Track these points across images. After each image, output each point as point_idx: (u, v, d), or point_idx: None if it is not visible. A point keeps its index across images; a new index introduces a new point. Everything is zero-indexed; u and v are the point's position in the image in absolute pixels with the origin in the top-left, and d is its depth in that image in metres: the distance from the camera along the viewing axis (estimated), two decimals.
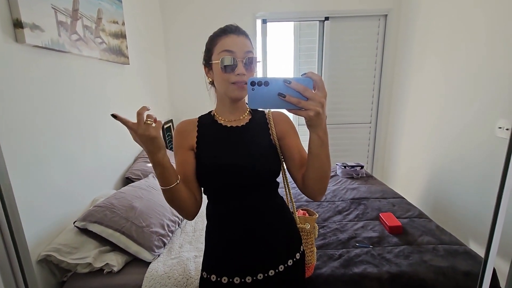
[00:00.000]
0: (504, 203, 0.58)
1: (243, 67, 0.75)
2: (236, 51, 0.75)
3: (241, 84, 0.76)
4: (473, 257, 1.30)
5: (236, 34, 0.77)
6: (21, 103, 1.11)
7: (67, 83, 1.38)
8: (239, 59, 0.75)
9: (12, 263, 0.38)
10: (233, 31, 0.77)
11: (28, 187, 1.14)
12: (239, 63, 0.75)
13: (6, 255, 0.38)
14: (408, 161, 2.76)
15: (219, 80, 0.78)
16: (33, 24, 1.12)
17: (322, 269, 1.24)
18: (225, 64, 0.75)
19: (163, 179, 0.71)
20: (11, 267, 0.38)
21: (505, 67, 1.65)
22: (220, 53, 0.76)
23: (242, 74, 0.75)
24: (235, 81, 0.75)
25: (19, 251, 0.39)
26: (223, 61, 0.75)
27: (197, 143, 0.84)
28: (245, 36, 0.79)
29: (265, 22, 2.89)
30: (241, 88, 0.76)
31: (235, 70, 0.75)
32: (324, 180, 0.74)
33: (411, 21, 2.64)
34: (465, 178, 1.98)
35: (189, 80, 2.92)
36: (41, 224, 1.21)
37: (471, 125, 1.92)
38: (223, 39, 0.76)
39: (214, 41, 0.79)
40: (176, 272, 1.21)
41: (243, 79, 0.75)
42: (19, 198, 0.50)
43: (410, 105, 2.70)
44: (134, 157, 2.11)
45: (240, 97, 0.79)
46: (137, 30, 2.23)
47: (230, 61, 0.74)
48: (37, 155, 1.18)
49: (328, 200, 1.96)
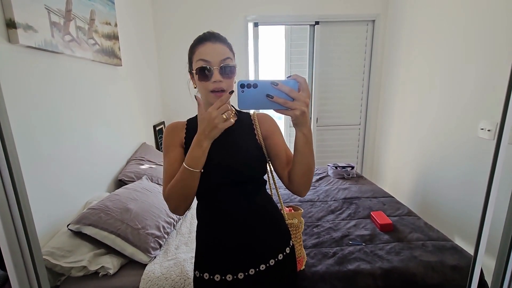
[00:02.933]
0: (491, 201, 0.62)
1: (219, 74, 0.76)
2: (210, 60, 0.76)
3: (219, 92, 0.77)
4: (459, 252, 1.36)
5: (212, 42, 0.78)
6: (14, 104, 1.09)
7: (60, 84, 1.36)
8: (214, 67, 0.76)
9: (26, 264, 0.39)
10: (208, 38, 0.78)
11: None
12: (214, 70, 0.76)
13: (21, 257, 0.39)
14: (396, 162, 2.85)
15: (199, 88, 0.81)
16: (26, 24, 1.11)
17: (317, 267, 1.27)
18: (201, 73, 0.77)
19: (196, 162, 0.74)
20: (25, 268, 0.39)
21: (486, 70, 1.75)
22: (197, 62, 0.78)
23: (218, 81, 0.76)
24: (213, 89, 0.77)
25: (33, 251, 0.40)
26: (198, 70, 0.77)
27: (185, 144, 0.86)
28: (221, 42, 0.79)
29: (256, 26, 2.93)
30: (219, 96, 0.76)
31: (211, 78, 0.77)
32: (309, 175, 0.78)
33: (397, 26, 2.74)
34: (450, 177, 2.07)
35: (181, 82, 2.90)
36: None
37: (455, 127, 2.01)
38: (199, 48, 0.78)
39: (192, 49, 0.81)
40: (173, 273, 1.21)
41: (220, 86, 0.77)
42: None
43: (397, 107, 2.79)
44: (126, 159, 2.08)
45: None
46: (130, 32, 2.22)
47: (206, 69, 0.76)
48: (29, 157, 1.16)
49: (321, 200, 2.00)
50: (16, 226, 0.40)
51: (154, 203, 1.52)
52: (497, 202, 0.61)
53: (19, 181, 0.43)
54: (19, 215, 0.41)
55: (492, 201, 0.60)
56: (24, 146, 1.13)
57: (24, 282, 0.39)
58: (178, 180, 0.77)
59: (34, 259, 0.40)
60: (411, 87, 2.55)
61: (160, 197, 1.61)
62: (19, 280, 0.38)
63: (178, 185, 0.77)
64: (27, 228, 0.42)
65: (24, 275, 0.39)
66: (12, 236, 0.39)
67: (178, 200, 0.80)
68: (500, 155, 0.57)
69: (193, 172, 0.74)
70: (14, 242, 0.39)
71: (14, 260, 0.38)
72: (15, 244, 0.39)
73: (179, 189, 0.78)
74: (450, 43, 2.04)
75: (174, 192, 0.78)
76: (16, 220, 0.40)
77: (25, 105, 1.15)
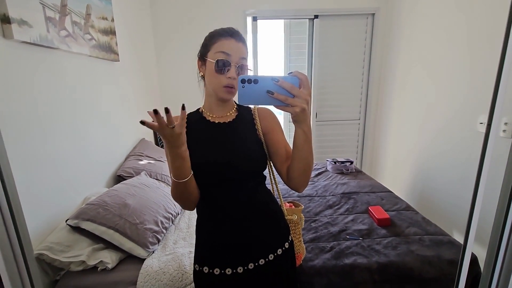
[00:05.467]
0: (480, 193, 0.62)
1: (235, 71, 0.78)
2: (232, 55, 0.77)
3: (230, 88, 0.78)
4: (456, 246, 1.37)
5: (236, 40, 0.79)
6: (9, 100, 1.09)
7: (56, 80, 1.36)
8: (233, 63, 0.77)
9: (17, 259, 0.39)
10: (234, 35, 0.80)
11: (18, 186, 1.12)
12: (232, 67, 0.77)
13: (11, 252, 0.39)
14: (395, 157, 2.85)
15: (211, 79, 0.80)
16: (21, 19, 1.10)
17: (314, 261, 1.28)
18: (219, 65, 0.77)
19: (181, 172, 0.73)
20: (16, 263, 0.39)
21: (486, 63, 1.73)
22: (216, 53, 0.78)
23: (233, 78, 0.77)
24: (226, 84, 0.78)
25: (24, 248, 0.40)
26: (218, 62, 0.77)
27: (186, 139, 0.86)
28: (243, 43, 0.81)
29: (255, 20, 2.90)
30: (230, 92, 0.79)
31: (227, 73, 0.77)
32: (308, 172, 0.78)
33: (397, 20, 2.71)
34: (449, 172, 2.06)
35: (180, 77, 2.91)
36: (32, 223, 1.20)
37: (454, 121, 2.00)
38: (223, 40, 0.79)
39: (213, 39, 0.81)
40: (171, 267, 1.22)
41: (233, 83, 0.78)
42: None
43: (397, 102, 2.77)
44: (125, 154, 2.09)
45: (228, 99, 0.82)
46: (127, 27, 2.21)
47: (225, 63, 0.77)
48: (26, 153, 1.16)
49: (319, 195, 2.01)
50: (6, 221, 0.40)
51: (152, 199, 1.52)
52: (489, 193, 0.61)
53: (8, 177, 0.43)
54: (8, 211, 0.41)
55: (481, 190, 0.60)
56: (20, 142, 1.13)
57: (15, 279, 0.39)
58: (174, 187, 0.78)
59: (25, 255, 0.40)
60: (411, 82, 2.53)
61: (159, 192, 1.61)
62: (9, 276, 0.38)
63: (176, 191, 0.78)
64: (18, 224, 0.42)
65: (15, 271, 0.39)
66: (2, 233, 0.39)
67: (182, 201, 0.82)
68: (490, 143, 0.57)
69: (184, 182, 0.74)
70: (4, 238, 0.39)
71: (4, 255, 0.38)
72: (5, 241, 0.39)
73: (179, 194, 0.79)
74: (450, 37, 2.01)
75: (176, 195, 0.80)
76: (6, 216, 0.40)
77: (21, 101, 1.15)
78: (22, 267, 0.39)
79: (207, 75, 0.82)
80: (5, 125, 1.06)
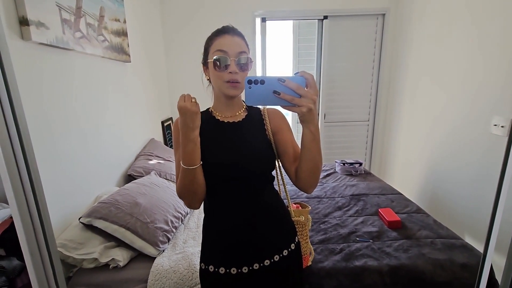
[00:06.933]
0: (502, 198, 0.61)
1: (235, 66, 0.78)
2: (228, 51, 0.78)
3: (234, 83, 0.79)
4: (469, 250, 1.34)
5: (231, 35, 0.80)
6: (26, 100, 1.11)
7: (70, 81, 1.39)
8: (231, 58, 0.78)
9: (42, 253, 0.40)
10: (227, 31, 0.80)
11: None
12: (231, 62, 0.78)
13: (37, 247, 0.40)
14: (405, 158, 2.81)
15: (214, 78, 0.81)
16: (38, 21, 1.13)
17: (324, 263, 1.27)
18: (218, 62, 0.78)
19: (192, 158, 0.75)
20: (41, 259, 0.40)
21: (501, 64, 1.69)
22: (214, 52, 0.79)
23: (234, 72, 0.78)
24: (229, 80, 0.78)
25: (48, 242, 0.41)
26: (216, 60, 0.78)
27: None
28: (239, 37, 0.81)
29: (264, 21, 2.91)
30: (234, 86, 0.79)
31: (227, 68, 0.78)
32: (316, 173, 0.78)
33: (408, 20, 2.68)
34: (461, 174, 2.03)
35: (189, 78, 2.93)
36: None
37: (467, 122, 1.96)
38: (218, 39, 0.80)
39: (210, 41, 0.82)
40: (181, 266, 1.23)
41: (235, 77, 0.78)
42: None
43: (407, 103, 2.74)
44: (135, 154, 2.12)
45: (234, 94, 0.82)
46: (138, 28, 2.24)
47: (223, 59, 0.78)
48: (40, 152, 1.19)
49: (328, 196, 2.00)
50: (33, 218, 0.41)
51: (162, 198, 1.54)
52: (508, 199, 0.60)
53: (35, 176, 0.44)
54: (35, 208, 0.43)
55: (503, 198, 0.59)
56: (33, 141, 1.15)
57: (40, 271, 0.40)
58: (182, 179, 0.78)
59: (49, 249, 0.41)
60: (421, 82, 2.49)
61: (169, 192, 1.63)
62: (35, 269, 0.39)
63: (183, 183, 0.78)
64: (43, 220, 0.43)
65: (40, 265, 0.40)
66: (29, 228, 0.40)
67: (188, 196, 0.82)
68: None
69: (192, 170, 0.75)
70: (31, 233, 0.40)
71: (30, 250, 0.39)
72: (32, 236, 0.40)
73: (186, 187, 0.79)
74: (462, 37, 1.98)
75: (182, 190, 0.80)
76: (33, 213, 0.42)
77: (38, 101, 1.18)
78: (46, 260, 0.41)
79: (211, 76, 0.83)
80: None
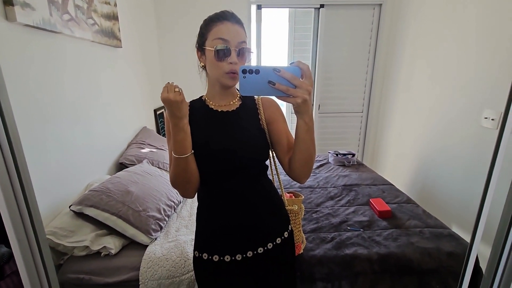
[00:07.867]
0: (491, 191, 0.61)
1: (236, 56, 0.76)
2: (230, 40, 0.75)
3: (233, 74, 0.77)
4: (456, 239, 1.38)
5: (232, 22, 0.77)
6: (12, 84, 1.08)
7: (59, 65, 1.34)
8: (232, 48, 0.76)
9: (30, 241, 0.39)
10: (228, 18, 0.77)
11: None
12: (232, 52, 0.76)
13: (25, 236, 0.39)
14: (397, 150, 2.84)
15: (212, 67, 0.79)
16: (23, 1, 1.07)
17: (315, 251, 1.29)
18: (219, 52, 0.75)
19: (182, 146, 0.74)
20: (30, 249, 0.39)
21: (492, 59, 1.70)
22: (214, 40, 0.76)
23: (234, 63, 0.76)
24: (229, 71, 0.76)
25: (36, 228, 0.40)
26: (216, 49, 0.75)
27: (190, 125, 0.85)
28: (239, 25, 0.79)
29: (260, 8, 2.85)
30: (233, 77, 0.78)
31: (228, 58, 0.76)
32: (309, 163, 0.78)
33: (404, 12, 2.66)
34: (451, 166, 2.06)
35: (182, 64, 2.87)
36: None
37: (458, 115, 1.99)
38: (218, 26, 0.76)
39: (208, 26, 0.78)
40: (173, 254, 1.24)
41: (235, 68, 0.76)
42: None
43: (401, 95, 2.75)
44: (127, 142, 2.09)
45: (232, 85, 0.81)
46: (129, 12, 2.17)
47: (224, 49, 0.75)
48: (29, 138, 1.15)
49: (320, 186, 2.02)
50: (19, 204, 0.40)
51: (155, 186, 1.53)
52: (496, 191, 0.61)
53: (21, 162, 0.43)
54: (21, 194, 0.41)
55: (491, 190, 0.60)
56: (21, 127, 1.13)
57: (28, 258, 0.39)
58: (174, 168, 0.77)
59: (37, 236, 0.40)
60: (416, 75, 2.50)
61: (161, 181, 1.62)
62: (23, 256, 0.38)
63: (176, 173, 0.78)
64: (30, 206, 0.42)
65: (28, 252, 0.39)
66: (15, 213, 0.39)
67: (182, 185, 0.81)
68: (502, 144, 0.56)
69: (183, 158, 0.74)
70: (17, 219, 0.39)
71: (17, 236, 0.38)
72: (19, 222, 0.39)
73: (179, 176, 0.78)
74: (458, 31, 1.98)
75: (176, 179, 0.79)
76: (19, 198, 0.40)
77: (25, 86, 1.14)
78: (34, 247, 0.40)
79: (208, 64, 0.80)
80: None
